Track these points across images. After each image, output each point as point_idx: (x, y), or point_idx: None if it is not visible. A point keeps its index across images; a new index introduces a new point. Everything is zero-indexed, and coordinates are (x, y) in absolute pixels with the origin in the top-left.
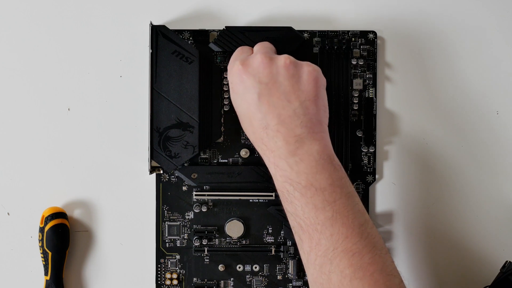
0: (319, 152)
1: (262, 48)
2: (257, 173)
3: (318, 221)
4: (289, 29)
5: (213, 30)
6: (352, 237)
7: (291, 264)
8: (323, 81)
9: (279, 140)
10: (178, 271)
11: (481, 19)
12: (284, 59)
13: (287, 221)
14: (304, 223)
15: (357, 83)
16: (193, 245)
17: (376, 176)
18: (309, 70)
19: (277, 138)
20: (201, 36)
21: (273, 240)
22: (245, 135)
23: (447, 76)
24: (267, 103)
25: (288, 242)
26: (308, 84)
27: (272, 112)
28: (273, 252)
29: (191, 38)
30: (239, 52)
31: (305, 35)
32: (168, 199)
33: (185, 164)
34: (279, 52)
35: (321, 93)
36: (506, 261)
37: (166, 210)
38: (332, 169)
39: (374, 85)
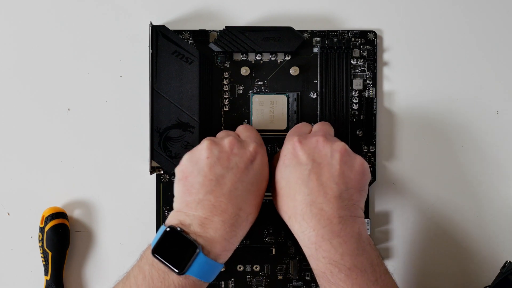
0: (360, 234)
1: (322, 130)
2: None
3: None
4: (289, 29)
5: (213, 30)
6: None
7: (291, 264)
8: (369, 177)
9: (323, 219)
10: None
11: (481, 19)
12: (341, 145)
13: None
14: None
15: (357, 83)
16: None
17: (376, 176)
18: (361, 162)
19: (320, 216)
20: (201, 36)
21: (273, 240)
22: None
23: (447, 76)
24: (316, 181)
25: (288, 242)
26: (357, 174)
27: (319, 190)
28: (273, 252)
29: (191, 38)
30: (298, 128)
31: (305, 35)
32: (168, 200)
33: None
34: (279, 51)
35: (366, 186)
36: (506, 261)
37: (166, 210)
38: (370, 250)
39: (374, 85)
